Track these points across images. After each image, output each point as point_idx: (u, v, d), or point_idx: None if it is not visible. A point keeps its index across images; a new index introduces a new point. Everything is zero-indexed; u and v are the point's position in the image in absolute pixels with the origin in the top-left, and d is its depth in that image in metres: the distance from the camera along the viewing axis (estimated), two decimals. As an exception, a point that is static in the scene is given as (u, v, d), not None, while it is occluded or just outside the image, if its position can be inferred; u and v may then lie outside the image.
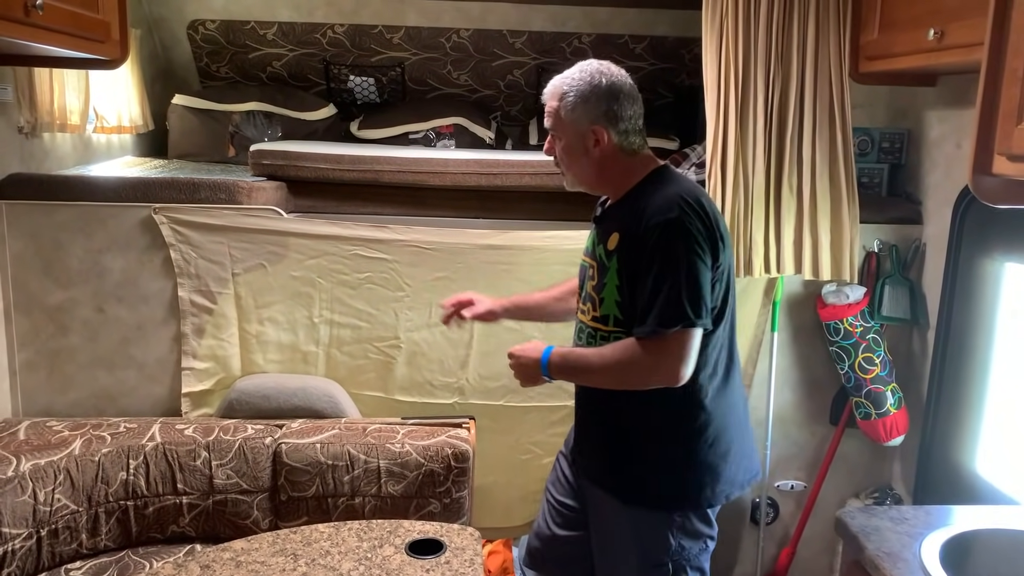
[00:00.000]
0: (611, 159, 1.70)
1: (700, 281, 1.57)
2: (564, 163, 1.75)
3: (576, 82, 1.67)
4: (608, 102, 1.66)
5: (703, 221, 1.58)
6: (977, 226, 2.25)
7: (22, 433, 2.18)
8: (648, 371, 1.61)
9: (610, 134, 1.67)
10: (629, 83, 1.70)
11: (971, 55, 1.79)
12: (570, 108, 1.67)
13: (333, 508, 2.20)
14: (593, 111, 1.66)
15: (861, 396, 2.42)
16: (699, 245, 1.57)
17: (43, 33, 1.77)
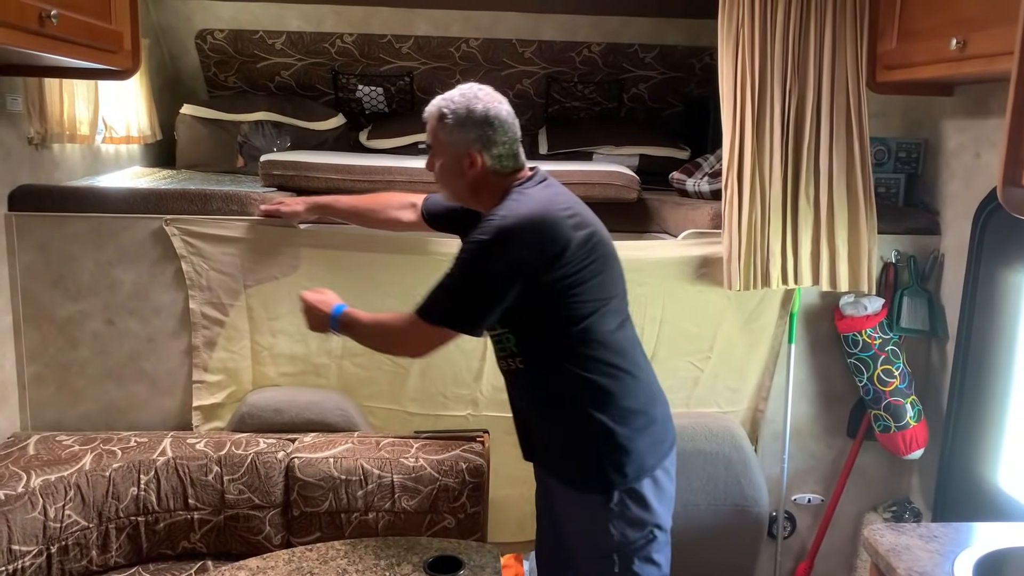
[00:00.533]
0: (484, 180, 1.77)
1: (472, 291, 1.69)
2: (441, 180, 1.85)
3: (455, 106, 1.75)
4: (483, 128, 1.73)
5: (522, 243, 1.64)
6: (998, 236, 2.23)
7: (32, 448, 2.15)
8: (397, 342, 1.85)
9: (484, 158, 1.74)
10: (506, 109, 1.77)
11: (995, 65, 1.78)
12: (448, 131, 1.75)
13: (346, 524, 2.17)
14: (469, 136, 1.74)
15: (880, 409, 2.40)
16: (501, 266, 1.65)
17: (57, 44, 1.76)
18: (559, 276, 1.67)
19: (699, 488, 2.30)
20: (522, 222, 1.65)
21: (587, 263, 1.69)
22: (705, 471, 2.29)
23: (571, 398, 1.76)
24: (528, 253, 1.65)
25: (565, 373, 1.74)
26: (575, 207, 1.74)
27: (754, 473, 2.32)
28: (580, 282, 1.69)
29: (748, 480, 2.31)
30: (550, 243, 1.65)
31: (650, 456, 1.78)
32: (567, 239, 1.66)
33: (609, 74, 3.50)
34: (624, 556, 1.76)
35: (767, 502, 2.39)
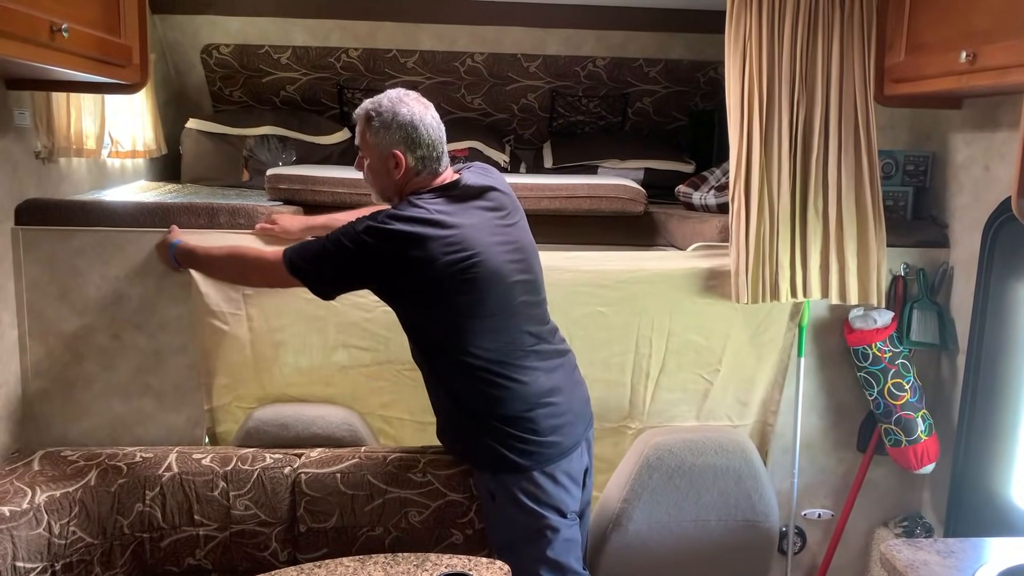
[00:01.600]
0: (409, 180, 1.89)
1: (334, 265, 1.84)
2: (369, 180, 1.96)
3: (382, 109, 1.86)
4: (407, 130, 1.84)
5: (384, 247, 1.79)
6: (1008, 249, 2.22)
7: (36, 463, 2.13)
8: (254, 273, 2.04)
9: (407, 158, 1.86)
10: (431, 115, 1.89)
11: (1005, 78, 1.78)
12: (374, 132, 1.87)
13: (353, 540, 2.15)
14: (394, 137, 1.85)
15: (891, 423, 2.38)
16: (363, 257, 1.80)
17: (67, 57, 1.76)
18: (416, 287, 1.82)
19: (710, 503, 2.28)
20: (394, 229, 1.78)
21: (453, 284, 1.80)
22: (716, 486, 2.27)
23: (447, 388, 1.96)
24: (386, 257, 1.79)
25: (437, 365, 1.95)
26: (459, 234, 1.81)
27: (765, 488, 2.30)
28: (443, 298, 1.82)
29: (759, 495, 2.29)
30: (410, 257, 1.77)
31: (527, 459, 1.91)
32: (430, 258, 1.77)
33: (614, 88, 3.51)
34: (522, 552, 1.94)
35: (777, 517, 2.36)
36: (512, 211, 1.99)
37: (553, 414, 1.94)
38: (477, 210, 1.89)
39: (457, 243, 1.80)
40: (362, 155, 1.94)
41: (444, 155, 1.92)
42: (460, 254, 1.79)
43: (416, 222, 1.79)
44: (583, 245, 2.78)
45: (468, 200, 1.89)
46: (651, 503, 2.22)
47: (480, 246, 1.83)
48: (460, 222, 1.83)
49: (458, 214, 1.85)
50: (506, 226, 1.94)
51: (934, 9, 2.05)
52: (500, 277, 1.86)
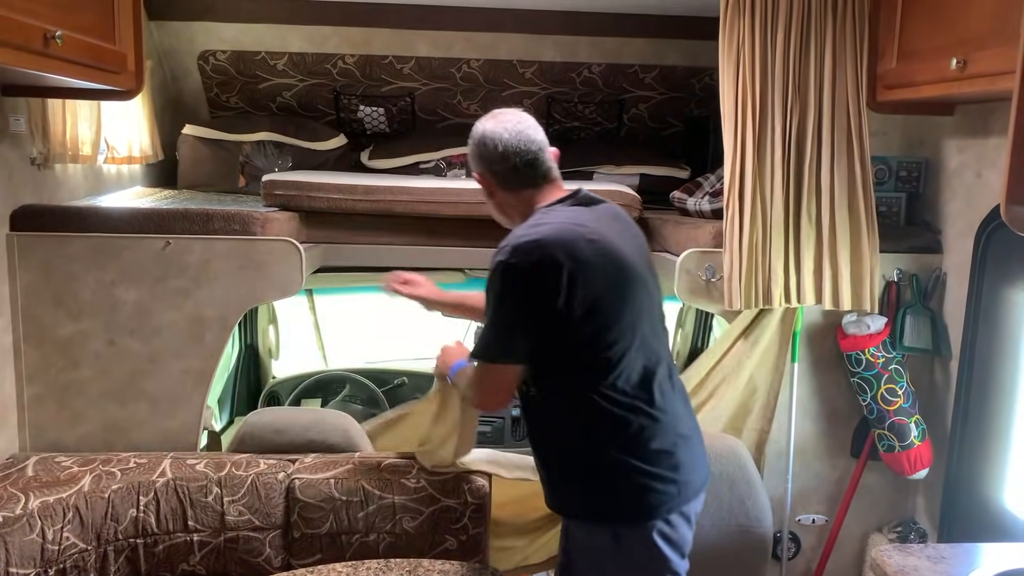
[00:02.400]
0: (505, 201, 1.84)
1: (507, 323, 1.67)
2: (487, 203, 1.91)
3: (471, 134, 1.83)
4: (480, 148, 1.79)
5: (533, 264, 1.62)
6: (1000, 255, 2.23)
7: (30, 469, 2.13)
8: (476, 395, 1.85)
9: (489, 179, 1.81)
10: (504, 128, 1.77)
11: (996, 84, 1.79)
12: (468, 158, 1.86)
13: (347, 545, 2.15)
14: (476, 160, 1.83)
15: (884, 428, 2.38)
16: (515, 288, 1.65)
17: (61, 64, 1.76)
18: (559, 303, 1.63)
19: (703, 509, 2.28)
20: (539, 241, 1.63)
21: (586, 296, 1.64)
22: (710, 491, 2.26)
23: (567, 427, 1.74)
24: (530, 271, 1.63)
25: (561, 402, 1.74)
26: (582, 241, 1.66)
27: (759, 494, 2.30)
28: (570, 313, 1.64)
29: (753, 501, 2.30)
30: (554, 268, 1.62)
31: (657, 497, 1.71)
32: (577, 269, 1.62)
33: (609, 94, 3.51)
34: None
35: (771, 523, 2.37)
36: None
37: (690, 445, 1.80)
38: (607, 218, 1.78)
39: (586, 250, 1.66)
40: None
41: (531, 170, 1.78)
42: (579, 264, 1.65)
43: (552, 231, 1.66)
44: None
45: (592, 205, 1.79)
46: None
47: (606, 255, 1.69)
48: (585, 232, 1.69)
49: (583, 225, 1.70)
50: (634, 236, 1.85)
51: (926, 16, 2.06)
52: (631, 296, 1.73)
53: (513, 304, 1.66)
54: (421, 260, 2.79)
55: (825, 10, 2.28)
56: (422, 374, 3.85)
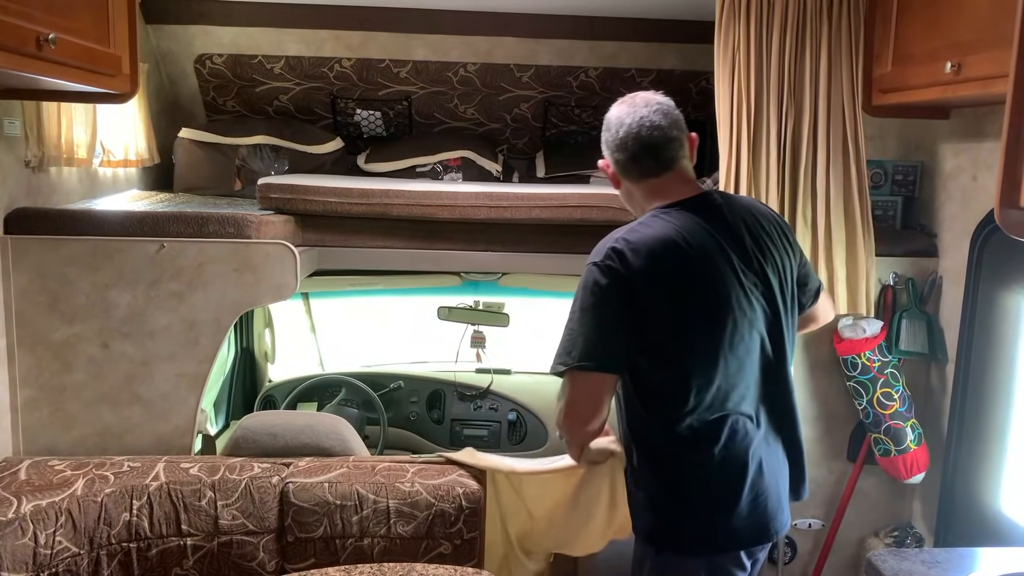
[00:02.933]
0: (627, 190, 1.78)
1: (593, 326, 1.60)
2: None
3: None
4: (605, 133, 1.74)
5: (620, 268, 1.59)
6: (996, 258, 2.23)
7: (23, 473, 2.12)
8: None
9: (611, 165, 1.76)
10: (629, 111, 1.71)
11: (990, 88, 1.79)
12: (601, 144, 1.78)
13: (341, 549, 2.14)
14: (603, 145, 1.77)
15: (880, 432, 2.38)
16: (600, 292, 1.59)
17: (55, 67, 1.76)
18: (640, 310, 1.60)
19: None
20: (630, 244, 1.60)
21: (667, 308, 1.60)
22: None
23: (635, 437, 1.73)
24: (620, 275, 1.59)
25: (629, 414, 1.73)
26: (675, 247, 1.61)
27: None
28: (651, 324, 1.61)
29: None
30: (640, 273, 1.58)
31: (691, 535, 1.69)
32: (663, 277, 1.59)
33: (606, 98, 3.47)
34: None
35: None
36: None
37: (758, 491, 1.72)
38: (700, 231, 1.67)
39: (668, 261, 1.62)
40: None
41: (649, 161, 1.69)
42: (656, 279, 1.61)
43: (632, 239, 1.62)
44: (574, 254, 2.79)
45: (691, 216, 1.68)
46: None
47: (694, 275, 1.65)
48: (681, 240, 1.63)
49: (687, 232, 1.64)
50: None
51: (920, 20, 2.07)
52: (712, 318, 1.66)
53: (594, 306, 1.61)
54: (417, 264, 2.79)
55: (821, 14, 2.28)
56: (418, 378, 3.85)
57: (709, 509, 1.68)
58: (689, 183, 1.74)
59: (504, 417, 3.71)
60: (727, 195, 1.80)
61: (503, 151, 3.68)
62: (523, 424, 3.71)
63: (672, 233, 1.63)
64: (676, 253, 1.61)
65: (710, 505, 1.68)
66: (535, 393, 3.82)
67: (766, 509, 1.71)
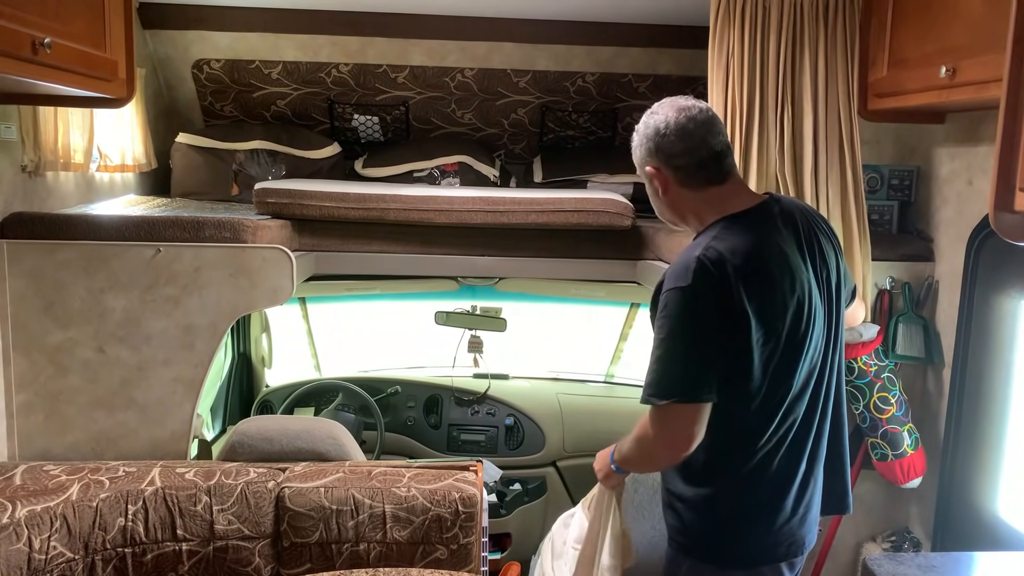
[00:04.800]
0: (680, 199, 1.70)
1: (690, 354, 1.55)
2: (654, 207, 1.80)
3: (639, 126, 1.72)
4: (654, 140, 1.66)
5: (717, 289, 1.53)
6: (992, 262, 2.23)
7: (18, 478, 2.11)
8: (649, 444, 1.65)
9: (664, 171, 1.67)
10: (688, 116, 1.65)
11: (985, 92, 1.79)
12: (633, 153, 1.73)
13: (337, 555, 2.13)
14: (643, 151, 1.70)
15: (877, 436, 2.37)
16: (700, 316, 1.54)
17: (50, 72, 1.76)
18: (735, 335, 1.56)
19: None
20: (726, 263, 1.54)
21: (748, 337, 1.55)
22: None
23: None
24: (715, 297, 1.54)
25: None
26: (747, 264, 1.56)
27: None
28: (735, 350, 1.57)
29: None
30: (734, 295, 1.53)
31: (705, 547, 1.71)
32: (753, 302, 1.53)
33: (603, 103, 3.52)
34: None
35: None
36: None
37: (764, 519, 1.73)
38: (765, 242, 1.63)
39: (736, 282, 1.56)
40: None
41: (716, 166, 1.65)
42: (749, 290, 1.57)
43: (694, 260, 1.56)
44: (571, 259, 2.79)
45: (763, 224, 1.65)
46: (638, 517, 2.21)
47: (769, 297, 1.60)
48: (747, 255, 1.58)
49: (754, 244, 1.60)
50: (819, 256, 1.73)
51: (915, 25, 2.07)
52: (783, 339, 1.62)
53: (697, 331, 1.55)
54: (414, 269, 2.79)
55: (816, 19, 2.28)
56: (415, 383, 3.84)
57: (756, 519, 1.68)
58: (747, 191, 1.73)
59: (501, 422, 3.70)
60: (780, 198, 1.75)
61: (500, 156, 3.69)
62: (520, 429, 3.70)
63: (759, 242, 1.59)
64: (764, 262, 1.58)
65: (758, 514, 1.68)
66: (532, 398, 3.82)
67: (805, 521, 1.71)
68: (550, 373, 4.27)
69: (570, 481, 3.65)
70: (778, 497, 1.67)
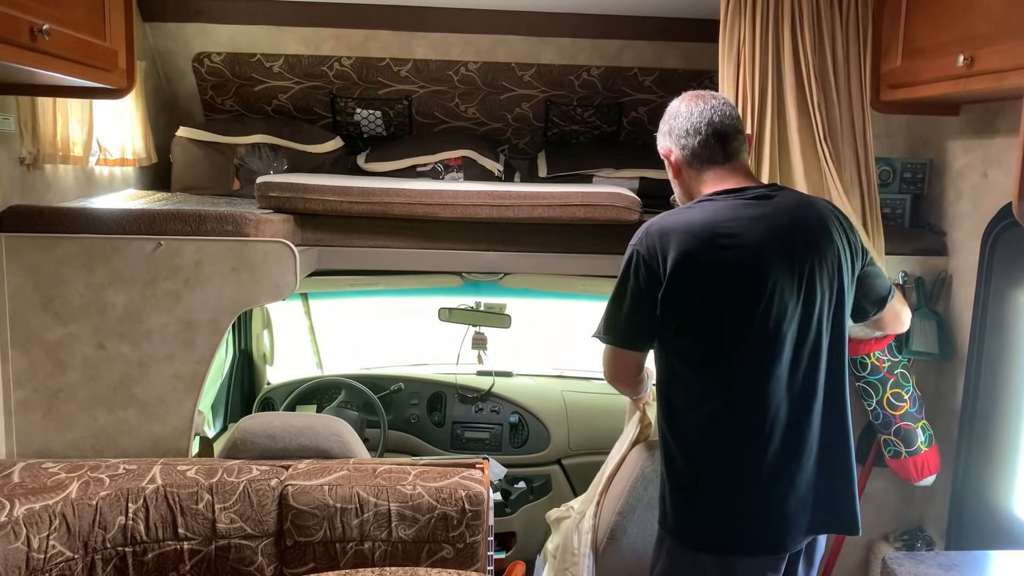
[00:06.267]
0: (687, 182, 1.84)
1: (617, 302, 1.74)
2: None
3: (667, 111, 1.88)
4: (668, 123, 1.85)
5: (649, 253, 1.68)
6: (1008, 257, 2.19)
7: (16, 475, 2.08)
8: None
9: (674, 153, 1.83)
10: (701, 104, 1.80)
11: (1004, 81, 1.75)
12: (658, 142, 1.90)
13: (341, 554, 2.10)
14: (661, 136, 1.89)
15: (890, 433, 2.34)
16: (631, 271, 1.71)
17: (49, 60, 1.72)
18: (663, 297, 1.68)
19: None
20: (660, 231, 1.69)
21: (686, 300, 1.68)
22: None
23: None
24: (648, 259, 1.68)
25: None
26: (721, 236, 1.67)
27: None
28: (667, 311, 1.69)
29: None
30: (662, 261, 1.66)
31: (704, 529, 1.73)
32: (665, 258, 1.66)
33: (608, 97, 3.48)
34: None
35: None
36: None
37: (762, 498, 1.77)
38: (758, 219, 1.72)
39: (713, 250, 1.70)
40: None
41: (719, 150, 1.77)
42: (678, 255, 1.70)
43: (674, 220, 1.74)
44: (577, 254, 2.75)
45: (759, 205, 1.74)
46: (646, 516, 2.17)
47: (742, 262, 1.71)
48: (728, 229, 1.70)
49: (733, 219, 1.71)
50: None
51: (931, 13, 2.03)
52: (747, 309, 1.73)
53: (625, 283, 1.73)
54: (417, 264, 2.75)
55: (828, 8, 2.25)
56: (419, 380, 3.81)
57: (717, 497, 1.71)
58: (749, 176, 1.81)
59: (506, 420, 3.67)
60: (787, 189, 1.85)
61: (504, 151, 3.65)
62: (525, 427, 3.66)
63: (708, 218, 1.68)
64: (708, 238, 1.66)
65: (722, 494, 1.70)
66: (537, 395, 3.78)
67: (785, 516, 1.69)
68: (555, 370, 4.23)
69: (575, 479, 3.62)
70: (740, 480, 1.69)
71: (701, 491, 1.73)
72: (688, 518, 1.74)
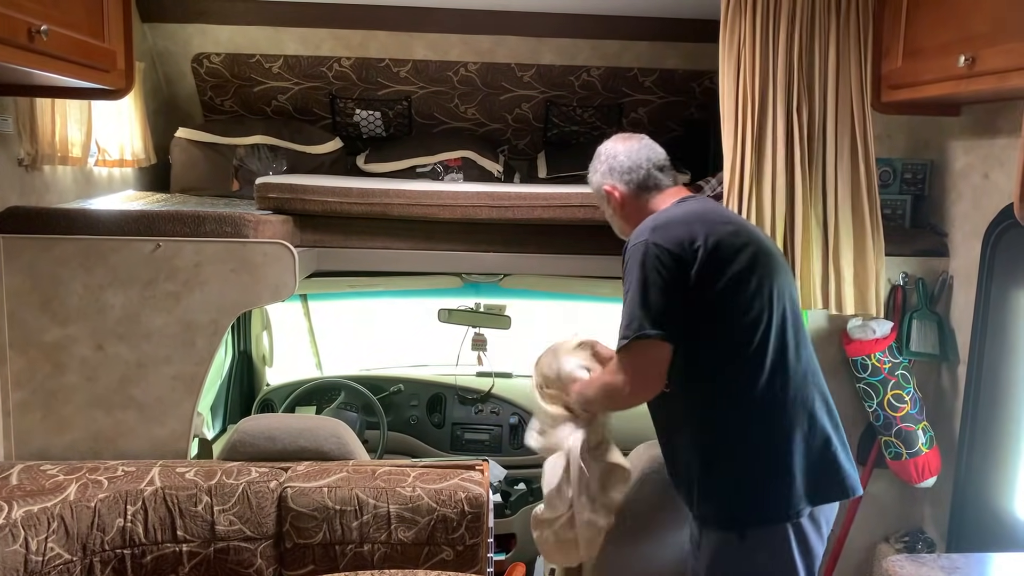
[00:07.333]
0: (631, 211, 1.96)
1: (642, 297, 1.73)
2: (612, 225, 2.08)
3: (592, 163, 2.03)
4: (606, 163, 1.97)
5: (666, 241, 1.74)
6: (1009, 258, 2.19)
7: (14, 478, 2.07)
8: (620, 387, 1.82)
9: (618, 188, 1.96)
10: (629, 145, 1.97)
11: (1006, 82, 1.75)
12: (590, 181, 2.04)
13: (341, 556, 2.09)
14: (599, 176, 2.00)
15: (891, 435, 2.33)
16: (655, 266, 1.73)
17: (47, 60, 1.72)
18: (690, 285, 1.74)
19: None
20: (666, 226, 1.77)
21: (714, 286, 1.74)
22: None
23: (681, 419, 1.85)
24: (665, 252, 1.73)
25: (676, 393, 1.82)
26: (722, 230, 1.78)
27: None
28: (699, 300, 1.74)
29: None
30: (680, 252, 1.72)
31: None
32: (704, 256, 1.72)
33: (608, 98, 3.48)
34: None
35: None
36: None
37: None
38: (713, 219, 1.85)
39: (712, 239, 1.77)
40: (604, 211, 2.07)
41: (658, 176, 1.95)
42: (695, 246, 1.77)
43: (665, 219, 1.82)
44: (576, 255, 2.74)
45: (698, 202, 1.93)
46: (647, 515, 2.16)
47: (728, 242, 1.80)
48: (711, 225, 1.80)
49: (705, 213, 1.85)
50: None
51: (932, 13, 2.03)
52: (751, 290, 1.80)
53: (653, 276, 1.74)
54: (417, 265, 2.75)
55: (828, 8, 2.24)
56: (418, 381, 3.80)
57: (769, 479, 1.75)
58: (685, 191, 1.99)
59: (506, 421, 3.66)
60: (698, 197, 2.02)
61: (504, 152, 3.64)
62: (525, 428, 3.65)
63: (698, 208, 1.86)
64: (714, 223, 1.78)
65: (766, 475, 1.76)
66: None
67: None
68: (555, 371, 4.21)
69: (575, 481, 3.60)
70: (778, 451, 1.75)
71: (750, 470, 1.76)
72: (766, 497, 1.75)
